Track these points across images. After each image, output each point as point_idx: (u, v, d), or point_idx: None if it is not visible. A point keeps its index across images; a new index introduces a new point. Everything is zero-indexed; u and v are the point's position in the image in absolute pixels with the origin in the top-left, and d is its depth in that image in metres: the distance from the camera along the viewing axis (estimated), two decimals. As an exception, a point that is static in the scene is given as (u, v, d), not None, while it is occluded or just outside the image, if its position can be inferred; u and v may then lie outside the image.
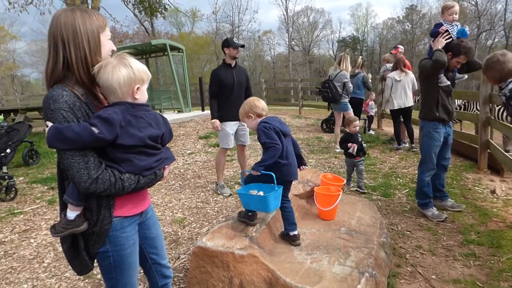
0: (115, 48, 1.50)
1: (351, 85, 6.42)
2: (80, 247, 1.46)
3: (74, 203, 1.37)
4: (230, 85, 4.42)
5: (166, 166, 1.56)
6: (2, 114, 10.01)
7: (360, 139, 4.55)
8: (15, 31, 40.59)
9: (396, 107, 6.40)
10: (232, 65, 4.51)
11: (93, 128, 1.26)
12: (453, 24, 3.53)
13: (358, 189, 4.57)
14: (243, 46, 4.58)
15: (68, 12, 1.39)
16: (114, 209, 1.43)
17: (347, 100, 6.47)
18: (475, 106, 7.64)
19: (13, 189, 4.81)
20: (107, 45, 1.46)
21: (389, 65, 7.68)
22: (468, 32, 3.53)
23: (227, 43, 4.43)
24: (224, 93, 4.43)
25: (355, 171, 4.66)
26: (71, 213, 1.39)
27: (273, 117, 2.52)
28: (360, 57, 6.86)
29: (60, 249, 3.30)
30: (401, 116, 6.55)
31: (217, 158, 4.72)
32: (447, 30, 3.48)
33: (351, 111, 6.43)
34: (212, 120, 4.40)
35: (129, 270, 1.55)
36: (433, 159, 3.66)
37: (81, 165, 1.28)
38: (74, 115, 1.30)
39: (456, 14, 3.54)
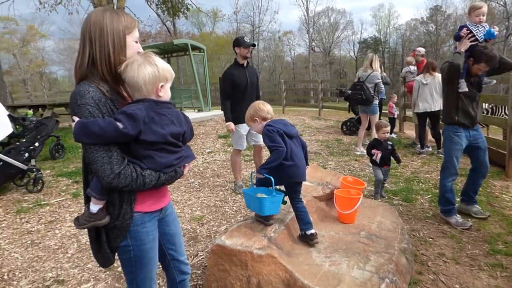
0: (141, 51, 1.51)
1: (382, 86, 6.31)
2: (102, 240, 1.50)
3: (97, 196, 1.40)
4: (244, 86, 4.39)
5: (186, 164, 1.58)
6: (32, 109, 10.37)
7: (390, 146, 4.32)
8: (44, 30, 42.08)
9: (421, 111, 6.28)
10: (245, 65, 4.47)
11: (118, 123, 1.29)
12: (478, 25, 3.36)
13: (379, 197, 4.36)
14: (254, 45, 4.50)
15: (99, 12, 1.44)
16: (135, 204, 1.46)
17: (377, 102, 6.39)
18: (503, 111, 7.40)
19: (40, 181, 5.00)
20: (133, 46, 1.49)
21: (413, 68, 7.52)
22: (496, 33, 3.38)
23: (237, 43, 4.38)
24: (237, 94, 4.39)
25: (380, 177, 4.35)
26: (94, 207, 1.43)
27: (279, 119, 2.53)
28: (371, 54, 6.62)
29: (83, 240, 3.41)
30: (427, 119, 6.41)
31: (232, 159, 4.73)
32: (470, 32, 3.34)
33: (378, 114, 6.38)
34: (228, 123, 4.39)
35: (149, 265, 1.58)
36: (454, 163, 3.55)
37: (105, 159, 1.31)
38: (99, 110, 1.34)
39: (483, 16, 3.36)
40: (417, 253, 3.03)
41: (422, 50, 7.48)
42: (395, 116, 8.30)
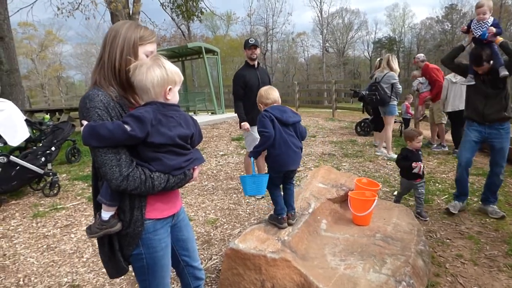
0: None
1: (399, 86, 6.09)
2: (115, 248, 1.50)
3: (108, 203, 1.41)
4: (256, 87, 4.37)
5: (196, 167, 1.57)
6: (49, 114, 10.60)
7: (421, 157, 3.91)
8: (62, 35, 43.19)
9: (449, 110, 6.30)
10: (255, 66, 4.52)
11: (126, 126, 1.31)
12: (481, 22, 3.48)
13: (418, 216, 3.72)
14: (256, 45, 4.47)
15: (120, 22, 1.51)
16: (145, 211, 1.46)
17: (395, 102, 6.21)
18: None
19: (57, 185, 5.08)
20: (142, 59, 1.48)
21: (422, 79, 7.35)
22: (487, 35, 3.41)
23: (244, 44, 4.56)
24: (250, 95, 4.36)
25: (405, 192, 4.06)
26: (105, 214, 1.43)
27: (279, 106, 2.52)
28: (388, 54, 6.49)
29: (99, 245, 3.46)
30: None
31: (246, 161, 4.74)
32: (468, 28, 3.62)
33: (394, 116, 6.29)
34: (242, 123, 4.40)
35: (162, 272, 1.58)
36: (462, 155, 3.75)
37: (114, 162, 1.32)
38: (108, 114, 1.36)
39: (484, 14, 3.45)
40: (434, 254, 2.98)
41: (421, 56, 7.41)
42: (409, 117, 8.18)
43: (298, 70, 49.59)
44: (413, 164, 3.69)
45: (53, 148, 5.20)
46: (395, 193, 4.31)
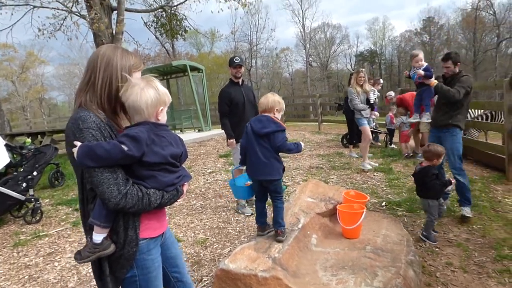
0: None
1: (355, 102, 6.26)
2: (105, 273, 1.44)
3: (102, 224, 1.38)
4: (241, 103, 4.46)
5: (185, 183, 1.60)
6: (30, 137, 10.40)
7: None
8: (44, 56, 42.43)
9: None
10: (240, 83, 4.56)
11: (123, 146, 1.32)
12: (415, 69, 4.32)
13: (426, 240, 3.44)
14: (240, 65, 4.51)
15: (110, 47, 1.53)
16: (140, 230, 1.44)
17: (364, 114, 6.33)
18: (502, 116, 7.42)
19: (39, 211, 4.93)
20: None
21: (405, 118, 7.46)
22: (415, 77, 4.30)
23: (229, 62, 4.56)
24: (236, 112, 4.45)
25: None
26: (98, 236, 1.40)
27: (261, 116, 2.65)
28: (357, 72, 6.59)
29: (84, 272, 3.36)
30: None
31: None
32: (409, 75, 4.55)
33: (365, 127, 6.32)
34: (230, 140, 4.42)
35: None
36: None
37: (111, 181, 1.32)
38: (101, 134, 1.37)
39: (417, 62, 4.35)
40: (424, 264, 2.99)
41: (391, 93, 7.97)
42: (393, 128, 8.29)
43: (283, 85, 50.09)
44: (453, 181, 3.47)
45: (35, 173, 5.07)
46: (422, 225, 3.67)
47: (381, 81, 7.84)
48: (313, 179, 4.99)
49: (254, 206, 4.73)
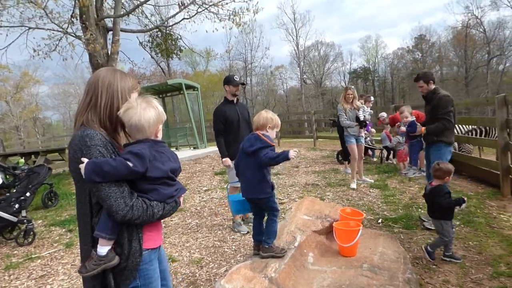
0: None
1: (341, 119, 6.32)
2: (110, 285, 1.47)
3: (108, 236, 1.43)
4: (236, 122, 4.47)
5: (182, 196, 1.68)
6: (23, 157, 10.31)
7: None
8: (39, 76, 42.28)
9: None
10: (234, 102, 4.58)
11: (128, 162, 1.40)
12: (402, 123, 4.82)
13: (451, 259, 3.28)
14: (243, 84, 4.63)
15: (110, 70, 1.64)
16: (143, 241, 1.50)
17: (346, 133, 6.34)
18: (496, 131, 7.52)
19: (32, 233, 4.83)
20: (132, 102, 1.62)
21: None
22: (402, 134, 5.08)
23: (227, 81, 4.51)
24: (231, 130, 4.45)
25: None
26: (103, 248, 1.44)
27: (252, 134, 2.74)
28: (346, 90, 6.57)
29: (77, 294, 3.28)
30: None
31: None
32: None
33: (351, 145, 6.30)
34: (224, 159, 4.41)
35: None
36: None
37: (118, 194, 1.39)
38: (107, 151, 1.46)
39: (405, 118, 4.69)
40: (422, 282, 2.96)
41: (383, 114, 8.13)
42: (388, 144, 8.36)
43: (278, 102, 50.46)
44: (465, 199, 3.28)
45: (28, 194, 4.99)
46: (443, 250, 3.37)
47: (372, 98, 7.92)
48: (309, 196, 4.98)
49: (250, 224, 4.73)
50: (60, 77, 43.96)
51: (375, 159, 8.90)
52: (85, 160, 1.39)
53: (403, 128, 4.46)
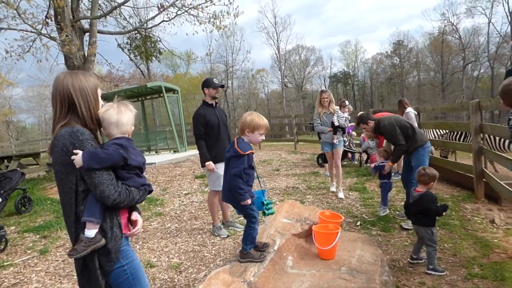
0: (103, 103, 1.83)
1: (315, 124, 6.20)
2: (95, 267, 1.62)
3: (96, 220, 1.59)
4: (216, 125, 4.43)
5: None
6: (-5, 162, 9.92)
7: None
8: (12, 78, 40.78)
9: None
10: (213, 105, 4.55)
11: (119, 150, 1.65)
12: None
13: (433, 273, 3.16)
14: (222, 86, 4.59)
15: (71, 74, 1.74)
16: (122, 227, 1.70)
17: (322, 141, 6.21)
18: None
19: (4, 240, 4.63)
20: (100, 100, 1.81)
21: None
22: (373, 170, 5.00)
23: (207, 84, 4.45)
24: (212, 134, 4.41)
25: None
26: (91, 232, 1.59)
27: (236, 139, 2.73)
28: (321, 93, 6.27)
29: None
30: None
31: (210, 200, 4.65)
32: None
33: (326, 153, 6.23)
34: (208, 163, 4.35)
35: (144, 278, 1.79)
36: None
37: (109, 181, 1.59)
38: (96, 144, 1.65)
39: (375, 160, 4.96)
40: (398, 284, 3.01)
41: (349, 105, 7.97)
42: (362, 151, 8.52)
43: (259, 105, 50.64)
44: (448, 205, 3.32)
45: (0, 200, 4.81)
46: (433, 262, 3.21)
47: (347, 102, 7.82)
48: (289, 200, 5.00)
49: (230, 228, 4.70)
50: (35, 79, 42.63)
51: (355, 162, 9.03)
52: (79, 151, 1.56)
53: (372, 165, 4.79)
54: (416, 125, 6.57)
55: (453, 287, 2.91)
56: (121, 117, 1.73)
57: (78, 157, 1.55)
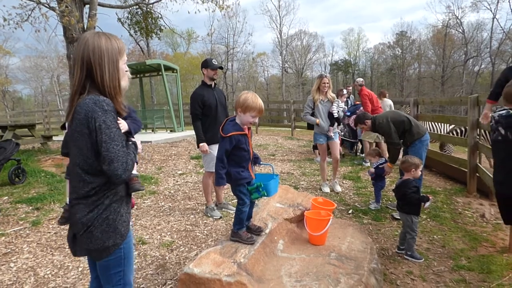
0: (128, 71, 1.74)
1: (304, 112, 5.65)
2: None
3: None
4: (214, 106, 4.42)
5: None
6: (-11, 132, 9.83)
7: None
8: (9, 47, 40.09)
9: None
10: (212, 86, 4.53)
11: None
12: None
13: (411, 259, 3.31)
14: (221, 68, 4.57)
15: (95, 37, 1.59)
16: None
17: (316, 131, 5.63)
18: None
19: (-4, 209, 4.66)
20: (123, 68, 1.67)
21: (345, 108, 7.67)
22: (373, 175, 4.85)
23: (205, 64, 4.43)
24: (209, 114, 4.40)
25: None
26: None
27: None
28: (325, 75, 5.56)
29: (41, 273, 3.22)
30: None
31: (204, 181, 4.66)
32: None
33: (319, 145, 5.58)
34: (201, 144, 4.35)
35: (132, 260, 1.76)
36: None
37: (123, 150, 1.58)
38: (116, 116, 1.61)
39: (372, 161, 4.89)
40: (386, 272, 3.06)
41: (360, 80, 7.76)
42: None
43: (258, 89, 50.29)
44: (430, 197, 3.34)
45: (-8, 169, 4.79)
46: (409, 248, 3.34)
47: (345, 91, 7.74)
48: (283, 185, 5.02)
49: (223, 209, 4.74)
50: (33, 49, 41.71)
51: (353, 151, 9.04)
52: (122, 121, 1.66)
53: (372, 170, 4.73)
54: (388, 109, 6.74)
55: (440, 277, 2.97)
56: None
57: (124, 124, 1.68)
